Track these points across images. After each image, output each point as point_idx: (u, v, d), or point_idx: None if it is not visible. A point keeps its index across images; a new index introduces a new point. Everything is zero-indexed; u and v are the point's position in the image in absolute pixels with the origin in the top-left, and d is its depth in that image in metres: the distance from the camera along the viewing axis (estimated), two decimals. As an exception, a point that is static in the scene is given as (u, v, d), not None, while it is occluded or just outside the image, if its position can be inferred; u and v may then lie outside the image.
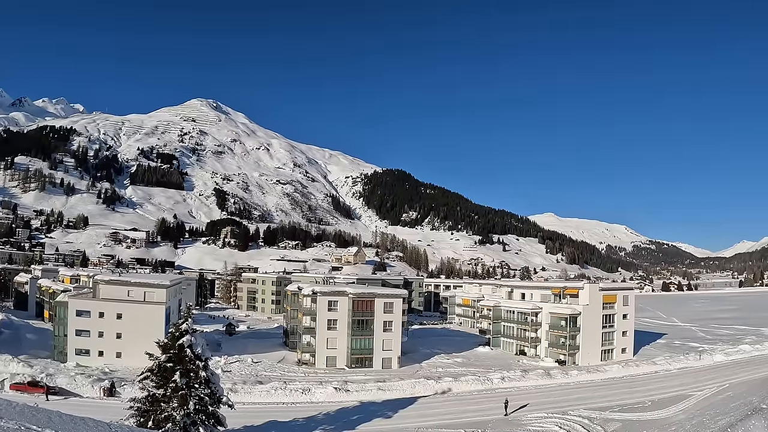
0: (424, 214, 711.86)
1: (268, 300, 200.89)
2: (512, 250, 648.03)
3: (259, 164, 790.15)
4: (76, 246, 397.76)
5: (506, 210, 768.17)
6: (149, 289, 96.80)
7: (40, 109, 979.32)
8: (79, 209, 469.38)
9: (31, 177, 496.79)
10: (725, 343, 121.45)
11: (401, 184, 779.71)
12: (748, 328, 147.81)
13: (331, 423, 63.28)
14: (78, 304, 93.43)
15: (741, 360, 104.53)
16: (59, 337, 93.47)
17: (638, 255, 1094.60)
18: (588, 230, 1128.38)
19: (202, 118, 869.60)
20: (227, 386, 66.18)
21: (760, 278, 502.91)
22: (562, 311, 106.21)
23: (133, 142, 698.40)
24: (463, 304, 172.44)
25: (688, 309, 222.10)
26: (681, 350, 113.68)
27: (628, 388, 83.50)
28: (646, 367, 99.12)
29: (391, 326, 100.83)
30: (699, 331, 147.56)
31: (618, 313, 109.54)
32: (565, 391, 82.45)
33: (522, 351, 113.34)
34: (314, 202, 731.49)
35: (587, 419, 64.56)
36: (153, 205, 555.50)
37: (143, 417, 43.56)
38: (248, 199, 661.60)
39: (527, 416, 66.78)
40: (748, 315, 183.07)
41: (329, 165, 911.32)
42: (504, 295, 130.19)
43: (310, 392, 76.27)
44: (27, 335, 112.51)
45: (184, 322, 46.39)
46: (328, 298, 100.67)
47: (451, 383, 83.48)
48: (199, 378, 45.18)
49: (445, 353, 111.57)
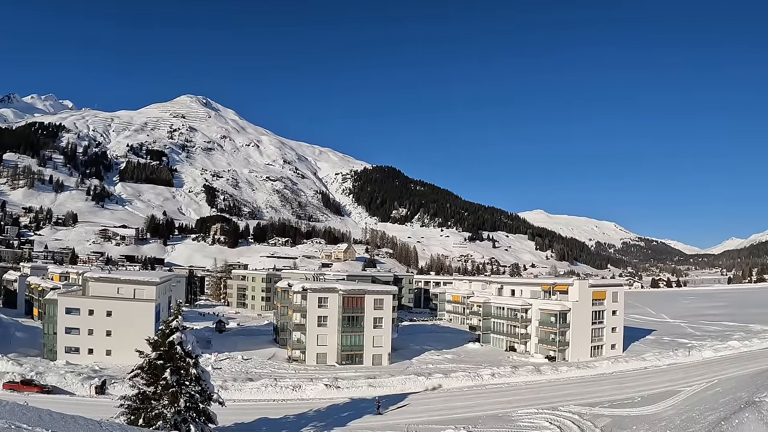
0: (414, 210, 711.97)
1: (258, 297, 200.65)
2: (502, 246, 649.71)
3: (248, 161, 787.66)
4: (66, 243, 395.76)
5: (496, 207, 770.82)
6: (139, 286, 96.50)
7: (28, 105, 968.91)
8: (69, 206, 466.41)
9: (19, 174, 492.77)
10: (714, 339, 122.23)
11: (391, 181, 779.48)
12: (737, 324, 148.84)
13: (321, 420, 63.30)
14: (67, 302, 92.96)
15: (730, 356, 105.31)
16: (49, 335, 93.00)
17: (627, 252, 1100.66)
18: (577, 227, 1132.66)
19: (191, 115, 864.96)
20: (218, 383, 66.12)
21: (748, 275, 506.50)
22: (551, 307, 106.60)
23: (122, 139, 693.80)
24: (453, 301, 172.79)
25: (678, 305, 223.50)
26: (670, 346, 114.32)
27: (617, 383, 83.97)
28: (635, 363, 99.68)
29: (382, 323, 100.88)
30: (688, 328, 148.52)
31: (607, 309, 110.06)
32: (554, 387, 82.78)
33: (512, 347, 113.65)
34: (304, 198, 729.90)
35: (577, 415, 64.90)
36: (142, 202, 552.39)
37: (134, 415, 43.44)
38: (238, 196, 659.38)
39: (518, 412, 67.01)
40: (737, 311, 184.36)
41: (319, 161, 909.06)
42: (494, 292, 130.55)
43: (300, 389, 76.27)
44: (16, 333, 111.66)
45: (174, 319, 46.27)
46: (318, 295, 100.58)
47: (442, 379, 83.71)
48: (190, 375, 45.11)
49: (436, 350, 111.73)
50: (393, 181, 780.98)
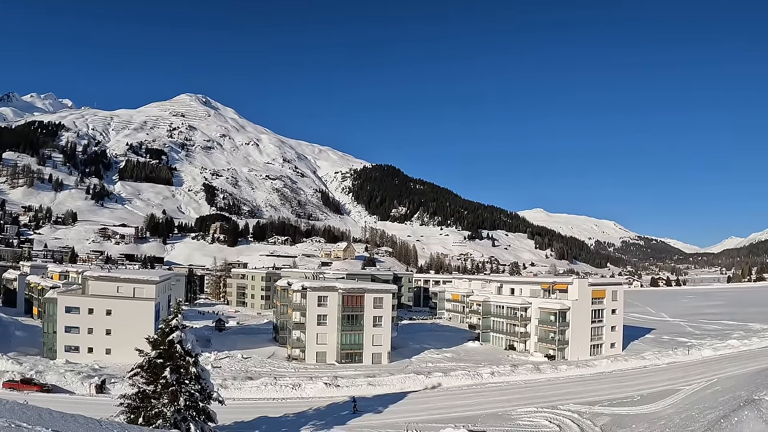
0: (413, 209, 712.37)
1: (257, 295, 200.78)
2: (501, 245, 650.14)
3: (248, 159, 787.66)
4: (65, 242, 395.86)
5: (495, 205, 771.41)
6: (138, 285, 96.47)
7: (28, 104, 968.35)
8: (68, 205, 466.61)
9: (19, 173, 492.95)
10: (713, 338, 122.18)
11: (390, 180, 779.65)
12: (736, 323, 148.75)
13: (321, 418, 63.33)
14: (67, 301, 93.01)
15: (729, 355, 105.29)
16: (48, 333, 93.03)
17: (627, 250, 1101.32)
18: (577, 226, 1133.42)
19: (191, 114, 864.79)
20: (217, 382, 66.11)
21: (748, 274, 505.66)
22: (551, 306, 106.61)
23: (121, 138, 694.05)
24: (452, 300, 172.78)
25: (677, 304, 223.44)
26: (669, 345, 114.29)
27: (617, 382, 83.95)
28: (634, 361, 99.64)
29: (381, 321, 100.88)
30: (687, 327, 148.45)
31: (607, 308, 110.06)
32: (554, 385, 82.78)
33: (511, 346, 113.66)
34: (303, 197, 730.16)
35: (577, 413, 64.93)
36: (142, 201, 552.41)
37: (134, 413, 43.45)
38: (237, 195, 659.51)
39: (517, 411, 67.04)
40: (736, 310, 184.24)
41: (319, 160, 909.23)
42: (493, 291, 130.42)
43: (300, 388, 76.34)
44: (16, 332, 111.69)
45: (174, 317, 46.27)
46: (318, 294, 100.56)
47: (441, 378, 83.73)
48: (190, 374, 45.12)
49: (435, 348, 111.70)
50: (392, 179, 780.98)
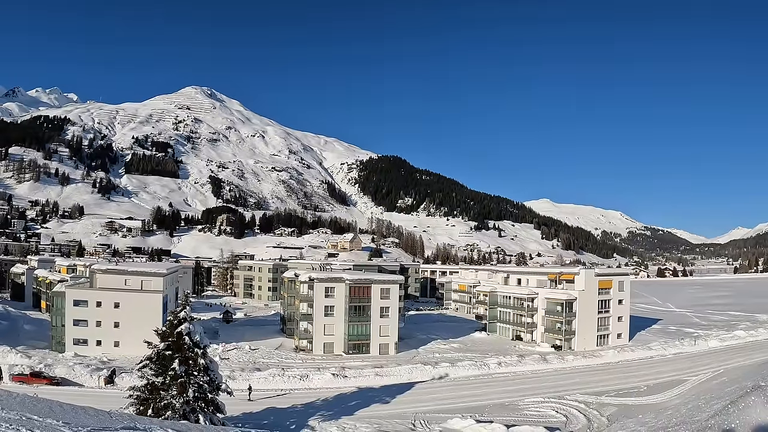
0: (419, 200, 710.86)
1: (264, 287, 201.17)
2: (508, 236, 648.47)
3: (254, 151, 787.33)
4: (72, 236, 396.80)
5: (502, 196, 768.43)
6: (146, 277, 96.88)
7: (33, 99, 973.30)
8: (75, 199, 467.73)
9: (25, 167, 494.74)
10: (720, 328, 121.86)
11: (397, 171, 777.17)
12: (743, 314, 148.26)
13: (329, 409, 63.52)
14: (75, 294, 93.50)
15: (736, 345, 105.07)
16: (57, 327, 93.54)
17: (633, 241, 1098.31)
18: (583, 216, 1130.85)
19: (196, 106, 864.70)
20: (225, 373, 66.40)
21: (754, 265, 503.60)
22: (558, 296, 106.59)
23: (127, 131, 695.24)
24: (459, 290, 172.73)
25: (684, 295, 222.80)
26: (676, 336, 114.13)
27: (623, 373, 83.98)
28: (641, 352, 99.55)
29: (388, 312, 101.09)
30: (694, 317, 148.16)
31: (613, 298, 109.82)
32: (561, 375, 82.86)
33: (518, 336, 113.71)
34: (310, 189, 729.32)
35: (583, 404, 65.01)
36: (148, 194, 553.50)
37: (143, 405, 43.76)
38: (244, 187, 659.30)
39: (524, 401, 67.19)
40: (743, 301, 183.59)
41: (325, 152, 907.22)
42: (500, 281, 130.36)
43: (308, 378, 76.59)
44: (24, 326, 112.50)
45: (182, 309, 46.51)
46: (325, 285, 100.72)
47: (448, 368, 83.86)
48: (198, 365, 45.38)
49: (442, 339, 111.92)
50: (399, 170, 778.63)
